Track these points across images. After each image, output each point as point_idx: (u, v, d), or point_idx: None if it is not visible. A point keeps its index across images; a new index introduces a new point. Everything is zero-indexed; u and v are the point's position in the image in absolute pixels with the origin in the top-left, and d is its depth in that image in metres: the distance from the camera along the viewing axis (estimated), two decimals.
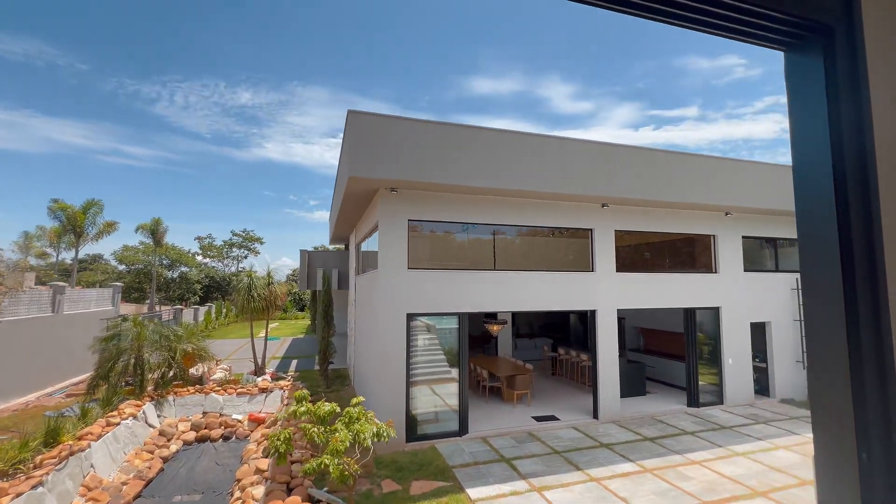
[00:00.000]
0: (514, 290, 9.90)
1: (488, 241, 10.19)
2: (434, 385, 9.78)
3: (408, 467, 7.89)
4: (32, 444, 7.66)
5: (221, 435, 11.48)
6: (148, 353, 12.38)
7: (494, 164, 9.04)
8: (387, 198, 8.98)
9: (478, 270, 9.81)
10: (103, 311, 17.64)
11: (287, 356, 20.81)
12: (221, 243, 50.74)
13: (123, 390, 11.64)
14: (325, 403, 5.39)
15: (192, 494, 8.60)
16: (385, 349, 8.90)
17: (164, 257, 39.97)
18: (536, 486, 7.10)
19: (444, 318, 9.69)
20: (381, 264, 8.91)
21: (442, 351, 10.02)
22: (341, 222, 13.80)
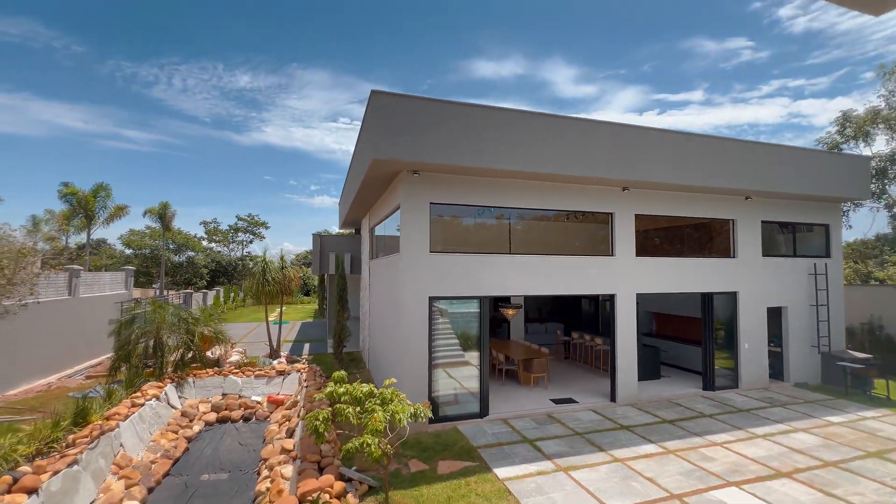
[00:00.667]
0: (534, 274, 9.89)
1: (506, 226, 10.14)
2: (452, 368, 9.87)
3: (433, 448, 8.01)
4: (63, 424, 7.77)
5: (242, 416, 11.65)
6: (167, 335, 12.48)
7: (517, 145, 8.92)
8: (409, 180, 8.90)
9: (497, 254, 9.78)
10: (117, 295, 17.75)
11: (299, 339, 20.99)
12: (227, 228, 50.75)
13: (144, 372, 11.77)
14: (363, 385, 5.43)
15: (218, 473, 8.75)
16: (407, 333, 8.94)
17: (171, 242, 40.01)
18: (562, 467, 7.20)
19: (464, 302, 9.73)
20: (404, 248, 8.88)
21: (455, 335, 10.08)
22: (356, 206, 13.72)
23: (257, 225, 52.18)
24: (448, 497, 6.28)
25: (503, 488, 6.55)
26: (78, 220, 25.05)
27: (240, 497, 7.76)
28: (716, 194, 11.48)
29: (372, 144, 8.20)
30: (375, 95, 8.15)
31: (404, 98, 8.35)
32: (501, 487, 6.57)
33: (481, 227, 10.19)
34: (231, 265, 47.62)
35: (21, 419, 8.66)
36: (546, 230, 10.83)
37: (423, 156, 8.31)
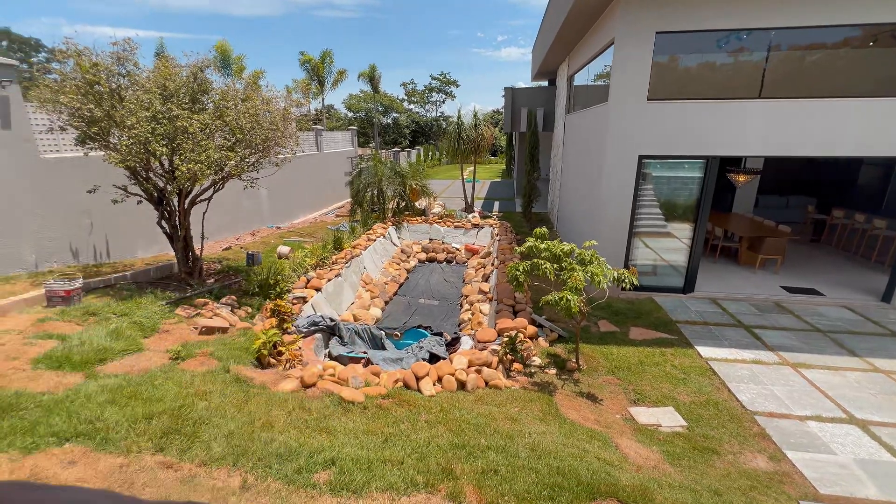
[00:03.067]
0: (792, 126, 7.25)
1: (755, 61, 7.32)
2: (652, 239, 8.85)
3: (624, 312, 7.81)
4: (328, 248, 10.45)
5: (444, 258, 13.59)
6: (386, 185, 14.73)
7: None
8: (628, 5, 6.97)
9: (740, 100, 7.39)
10: (346, 151, 21.43)
11: (489, 197, 22.21)
12: (422, 89, 53.38)
13: (373, 215, 14.51)
14: (563, 243, 5.33)
15: (430, 300, 10.74)
16: (607, 196, 8.15)
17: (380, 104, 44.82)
18: (790, 361, 6.12)
19: (676, 165, 8.08)
20: (614, 95, 7.50)
21: (657, 202, 8.70)
22: (553, 50, 12.03)
23: (449, 84, 53.14)
24: (640, 361, 6.19)
25: (705, 367, 6.06)
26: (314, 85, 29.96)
27: (448, 320, 9.44)
28: None
29: None
30: None
31: None
32: (703, 365, 6.09)
33: (716, 66, 7.64)
34: (428, 125, 51.30)
35: (302, 240, 12.02)
36: (823, 64, 7.44)
37: None
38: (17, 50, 43.34)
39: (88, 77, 5.93)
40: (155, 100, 6.05)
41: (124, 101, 6.06)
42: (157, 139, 5.98)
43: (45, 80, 6.14)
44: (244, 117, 6.54)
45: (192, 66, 6.72)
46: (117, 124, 6.04)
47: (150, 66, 6.79)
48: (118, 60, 6.20)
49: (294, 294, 8.00)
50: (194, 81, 6.61)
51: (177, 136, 6.12)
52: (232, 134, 6.77)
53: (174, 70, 6.51)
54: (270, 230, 13.58)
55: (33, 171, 7.40)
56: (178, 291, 7.27)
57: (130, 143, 5.89)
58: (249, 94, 6.95)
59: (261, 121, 6.76)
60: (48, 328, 5.08)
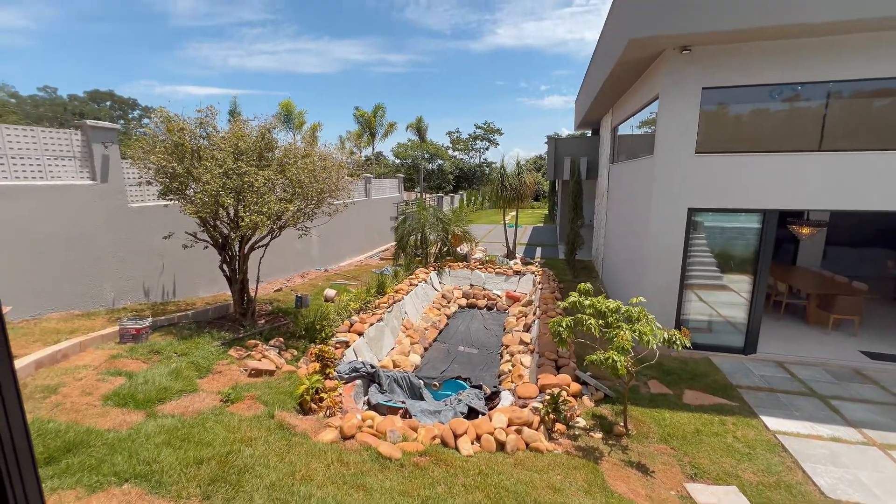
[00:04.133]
0: (856, 178, 6.82)
1: (813, 110, 7.07)
2: (706, 291, 8.37)
3: (677, 373, 7.31)
4: (372, 291, 10.74)
5: (485, 305, 13.49)
6: (429, 231, 15.12)
7: None
8: (675, 60, 7.07)
9: (795, 153, 7.10)
10: (393, 197, 22.38)
11: (531, 243, 22.11)
12: (467, 137, 55.51)
13: (415, 260, 14.84)
14: (609, 300, 5.19)
15: (470, 348, 10.60)
16: (655, 248, 7.91)
17: (426, 152, 46.94)
18: (877, 441, 5.41)
19: (730, 215, 7.74)
20: (660, 147, 7.46)
21: (711, 252, 8.28)
22: (597, 103, 12.26)
23: (492, 132, 54.95)
24: (696, 429, 5.71)
25: (773, 441, 5.47)
26: (365, 137, 32.09)
27: (488, 370, 9.24)
28: None
29: (629, 21, 6.72)
30: None
31: None
32: (771, 439, 5.51)
33: (771, 118, 7.44)
34: (471, 171, 52.78)
35: (348, 283, 12.46)
36: (883, 113, 7.04)
37: (700, 23, 6.30)
38: (117, 108, 50.16)
39: (175, 139, 6.76)
40: (228, 158, 6.76)
41: (202, 159, 6.82)
42: (226, 192, 6.62)
43: (138, 137, 7.09)
44: (303, 172, 7.13)
45: (261, 127, 7.50)
46: (195, 179, 6.77)
47: (224, 121, 7.69)
48: (200, 124, 7.05)
49: (337, 338, 8.22)
50: (262, 141, 7.35)
51: (243, 190, 6.74)
52: (291, 187, 7.36)
53: (245, 132, 7.28)
54: (319, 272, 14.21)
55: (121, 218, 8.35)
56: (232, 332, 7.70)
57: (204, 196, 6.56)
58: (308, 150, 7.60)
59: (317, 175, 7.33)
60: (118, 365, 5.53)
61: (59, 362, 5.46)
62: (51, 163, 7.40)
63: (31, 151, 7.19)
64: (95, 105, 47.64)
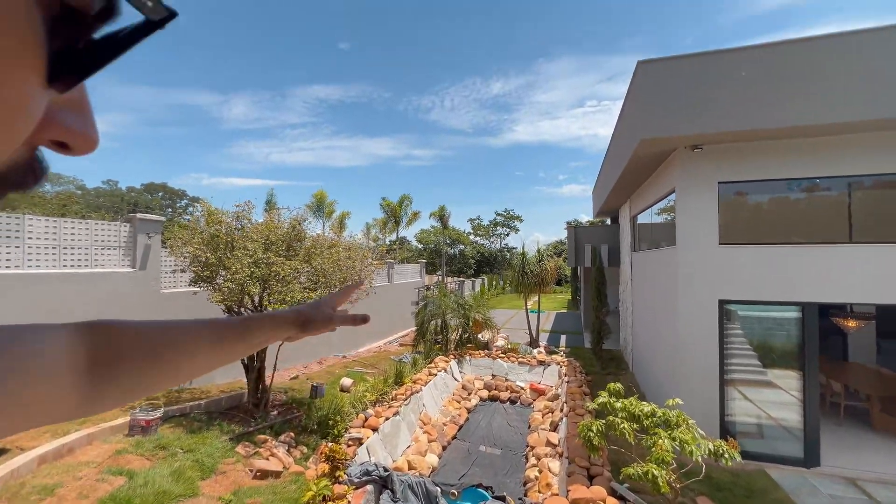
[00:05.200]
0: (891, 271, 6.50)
1: (837, 202, 7.02)
2: (749, 388, 7.68)
3: (729, 489, 6.41)
4: (389, 382, 10.34)
5: (508, 398, 12.69)
6: (449, 317, 14.93)
7: (868, 81, 5.98)
8: (687, 158, 7.36)
9: (826, 245, 6.92)
10: (415, 282, 22.63)
11: (554, 330, 21.41)
12: (488, 223, 57.39)
13: (435, 347, 14.46)
14: (643, 403, 4.78)
15: (492, 448, 9.75)
16: (688, 340, 7.48)
17: (448, 237, 48.45)
18: None
19: (771, 311, 7.36)
20: (682, 240, 7.43)
21: (750, 345, 7.74)
22: (614, 194, 12.63)
23: (512, 219, 56.79)
24: None
25: None
26: (390, 224, 33.67)
27: (511, 476, 8.35)
28: None
29: (639, 122, 7.17)
30: (642, 66, 7.07)
31: (676, 60, 6.93)
32: None
33: (793, 206, 7.43)
34: (492, 256, 53.58)
35: (366, 371, 12.09)
36: None
37: (707, 125, 6.67)
38: (168, 198, 54.98)
39: (212, 231, 7.22)
40: (258, 248, 7.11)
41: (235, 249, 7.19)
42: (252, 281, 6.84)
43: (181, 225, 7.61)
44: (328, 262, 7.37)
45: (292, 220, 7.97)
46: (226, 268, 7.07)
47: (260, 211, 8.22)
48: (237, 218, 7.56)
49: (350, 434, 7.74)
50: (292, 232, 7.76)
51: (269, 279, 6.95)
52: (315, 275, 7.56)
53: (277, 223, 7.73)
54: (337, 359, 13.94)
55: (152, 303, 8.64)
56: (243, 424, 7.38)
57: (232, 284, 6.78)
58: (335, 241, 7.94)
59: (341, 264, 7.55)
60: (122, 462, 5.28)
61: (63, 457, 5.27)
62: (98, 252, 7.94)
63: (82, 241, 7.78)
64: (149, 196, 52.50)
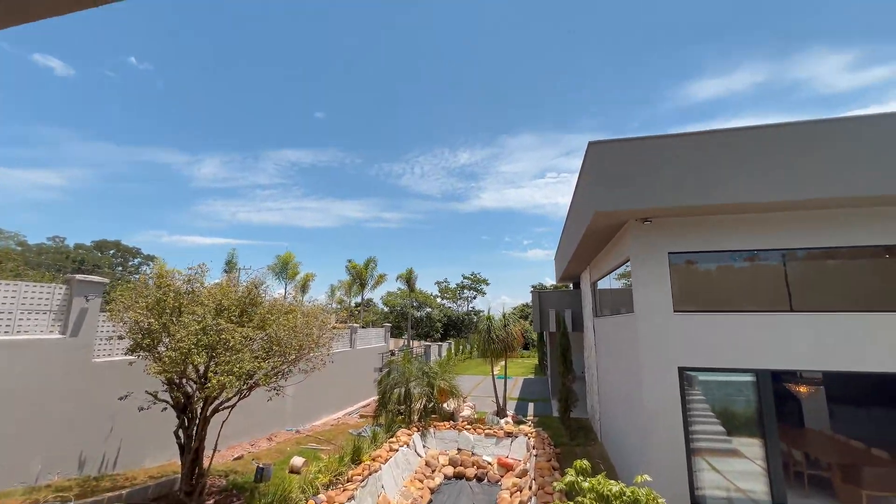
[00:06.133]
0: (843, 340, 6.93)
1: (777, 271, 7.57)
2: (715, 458, 7.57)
3: None
4: (345, 460, 9.48)
5: (475, 475, 11.87)
6: (413, 385, 14.25)
7: (788, 167, 6.75)
8: (639, 229, 7.82)
9: (775, 312, 7.33)
10: (379, 347, 21.81)
11: (522, 398, 20.82)
12: (455, 286, 57.57)
13: (398, 419, 13.60)
14: (613, 483, 4.55)
15: None
16: (652, 408, 7.42)
17: (415, 300, 47.91)
18: None
19: (729, 376, 7.52)
20: (639, 308, 7.65)
21: (712, 413, 7.77)
22: (574, 261, 13.09)
23: (479, 282, 57.33)
24: None
25: None
26: (355, 287, 33.07)
27: None
28: None
29: (593, 196, 7.64)
30: (593, 146, 7.70)
31: (623, 142, 7.60)
32: None
33: (738, 274, 7.92)
34: (460, 319, 53.09)
35: (320, 448, 11.09)
36: (846, 273, 7.57)
37: (653, 201, 7.19)
38: (120, 256, 52.10)
39: (159, 295, 6.76)
40: (208, 314, 6.68)
41: (182, 314, 6.72)
42: (199, 349, 6.33)
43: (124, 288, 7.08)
44: (283, 330, 6.99)
45: (248, 283, 7.63)
46: (170, 335, 6.54)
47: (219, 271, 7.85)
48: (189, 281, 7.17)
49: None
50: (248, 297, 7.40)
51: (218, 347, 6.46)
52: (269, 343, 7.12)
53: (232, 287, 7.38)
54: (289, 434, 12.79)
55: (81, 375, 7.76)
56: None
57: (174, 353, 6.24)
58: (292, 306, 7.61)
59: (298, 332, 7.17)
60: None
61: None
62: (23, 317, 7.20)
63: (5, 305, 7.06)
64: (99, 253, 49.61)
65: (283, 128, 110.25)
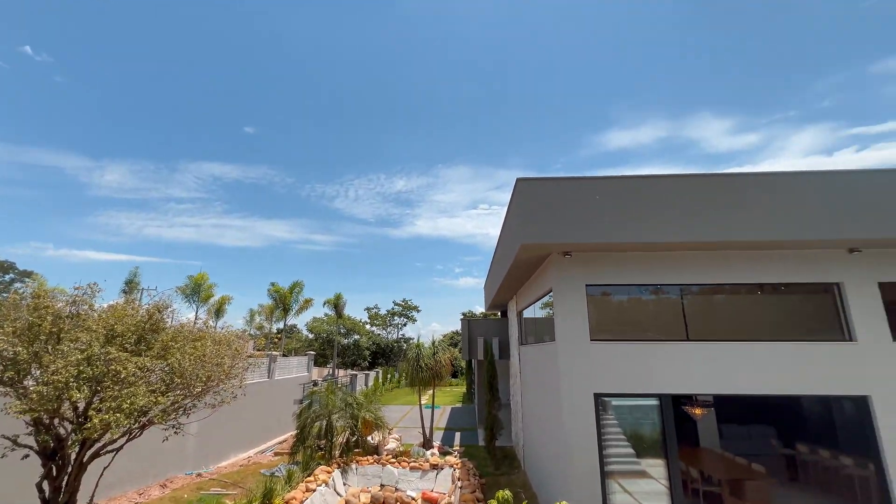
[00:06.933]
0: (728, 366, 7.86)
1: (676, 304, 8.49)
2: (627, 479, 8.04)
3: None
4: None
5: None
6: (336, 417, 13.48)
7: (684, 212, 7.71)
8: (560, 262, 8.34)
9: (675, 342, 8.13)
10: (300, 377, 20.46)
11: (449, 427, 20.61)
12: (385, 313, 56.42)
13: (317, 455, 12.70)
14: None
15: None
16: (570, 436, 7.73)
17: (343, 326, 46.06)
18: None
19: (638, 400, 8.12)
20: (559, 336, 8.06)
21: (624, 436, 8.33)
22: (502, 290, 13.55)
23: (410, 309, 56.82)
24: None
25: None
26: (278, 312, 31.05)
27: None
28: None
29: (520, 230, 8.05)
30: (521, 182, 8.17)
31: (547, 181, 8.18)
32: None
33: (645, 305, 8.75)
34: (389, 347, 51.86)
35: (225, 493, 9.94)
36: (731, 307, 8.71)
37: (573, 236, 7.76)
38: None
39: (33, 319, 5.77)
40: (95, 341, 5.81)
41: (61, 342, 5.78)
42: (79, 383, 5.44)
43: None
44: (188, 359, 6.28)
45: (151, 307, 6.82)
46: (42, 366, 5.56)
47: (117, 292, 6.89)
48: (74, 303, 6.22)
49: None
50: (148, 321, 6.59)
51: (104, 380, 5.62)
52: (171, 374, 6.34)
53: (129, 311, 6.53)
54: (189, 478, 11.33)
55: None
56: None
57: (47, 389, 5.29)
58: (201, 333, 6.91)
59: (206, 362, 6.49)
60: None
61: None
62: None
63: None
64: None
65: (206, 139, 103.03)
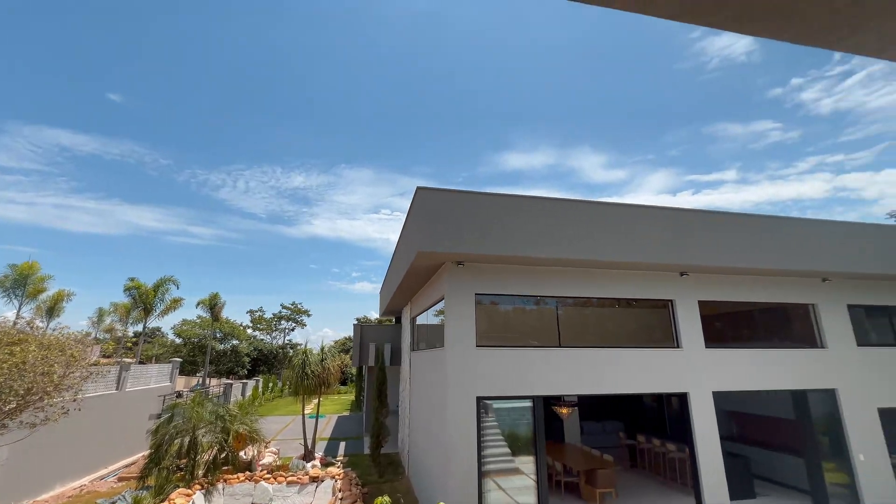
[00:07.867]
0: (590, 369, 8.96)
1: (553, 313, 9.50)
2: (502, 477, 8.64)
3: None
4: None
5: None
6: (203, 433, 12.02)
7: (561, 233, 8.68)
8: (453, 271, 8.70)
9: (547, 347, 9.03)
10: (160, 388, 17.82)
11: (334, 437, 19.81)
12: (271, 316, 52.20)
13: (175, 477, 11.15)
14: None
15: None
16: (453, 438, 8.04)
17: (219, 330, 41.34)
18: None
19: (515, 402, 8.81)
20: (449, 342, 8.37)
21: (502, 435, 9.00)
22: (398, 295, 13.59)
23: (300, 313, 53.41)
24: None
25: None
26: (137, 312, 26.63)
27: None
28: (788, 276, 10.45)
29: (417, 237, 8.21)
30: (421, 191, 8.35)
31: (447, 192, 8.51)
32: None
33: (528, 315, 9.59)
34: (272, 353, 48.00)
35: None
36: (596, 318, 10.04)
37: (467, 247, 8.18)
38: None
39: None
40: None
41: None
42: None
43: None
44: (3, 367, 5.05)
45: None
46: None
47: None
48: None
49: None
50: None
51: None
52: None
53: None
54: None
55: None
56: None
57: None
58: (24, 335, 5.62)
59: (26, 371, 5.29)
60: None
61: None
62: None
63: None
64: None
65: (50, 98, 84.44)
